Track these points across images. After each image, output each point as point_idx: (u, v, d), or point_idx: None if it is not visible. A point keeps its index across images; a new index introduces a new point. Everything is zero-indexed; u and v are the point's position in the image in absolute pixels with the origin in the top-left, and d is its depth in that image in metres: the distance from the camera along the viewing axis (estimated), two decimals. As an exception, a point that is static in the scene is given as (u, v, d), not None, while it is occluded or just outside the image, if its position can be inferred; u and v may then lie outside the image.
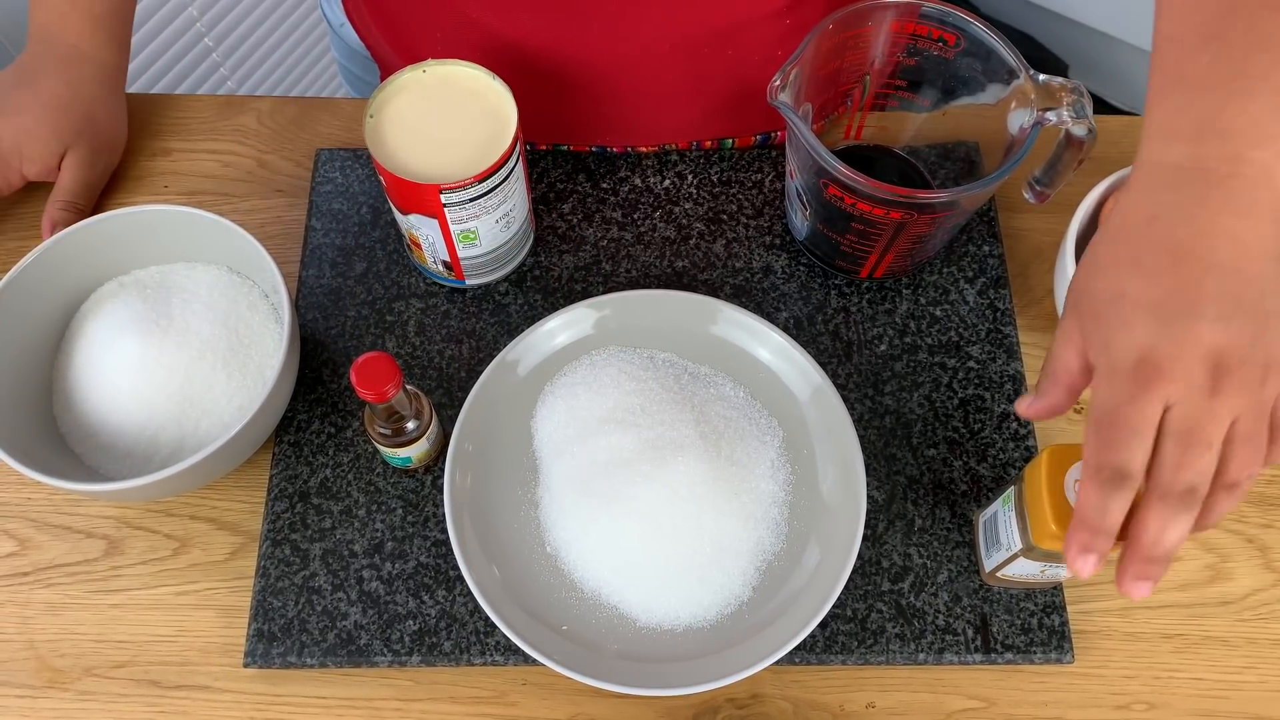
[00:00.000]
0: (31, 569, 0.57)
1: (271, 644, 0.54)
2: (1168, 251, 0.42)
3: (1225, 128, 0.42)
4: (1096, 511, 0.40)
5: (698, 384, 0.59)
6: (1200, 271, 0.41)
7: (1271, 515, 0.59)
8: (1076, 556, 0.40)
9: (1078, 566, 0.40)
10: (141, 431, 0.55)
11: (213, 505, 0.59)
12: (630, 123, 0.68)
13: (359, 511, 0.58)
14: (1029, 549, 0.49)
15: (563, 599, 0.54)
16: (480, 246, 0.60)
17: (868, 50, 0.60)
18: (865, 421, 0.60)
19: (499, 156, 0.54)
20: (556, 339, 0.60)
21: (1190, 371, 0.40)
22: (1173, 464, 0.39)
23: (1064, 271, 0.58)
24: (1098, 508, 0.40)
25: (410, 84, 0.57)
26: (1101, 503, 0.40)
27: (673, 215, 0.67)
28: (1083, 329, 0.43)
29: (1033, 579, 0.53)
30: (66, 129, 0.64)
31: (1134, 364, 0.40)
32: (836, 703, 0.54)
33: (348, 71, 0.90)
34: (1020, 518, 0.50)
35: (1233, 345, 0.40)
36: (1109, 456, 0.40)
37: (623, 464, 0.54)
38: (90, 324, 0.58)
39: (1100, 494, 0.40)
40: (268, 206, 0.68)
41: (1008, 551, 0.51)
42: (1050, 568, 0.50)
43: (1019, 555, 0.50)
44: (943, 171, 0.66)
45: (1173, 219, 0.42)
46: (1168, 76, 0.45)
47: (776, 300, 0.64)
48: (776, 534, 0.56)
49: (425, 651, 0.54)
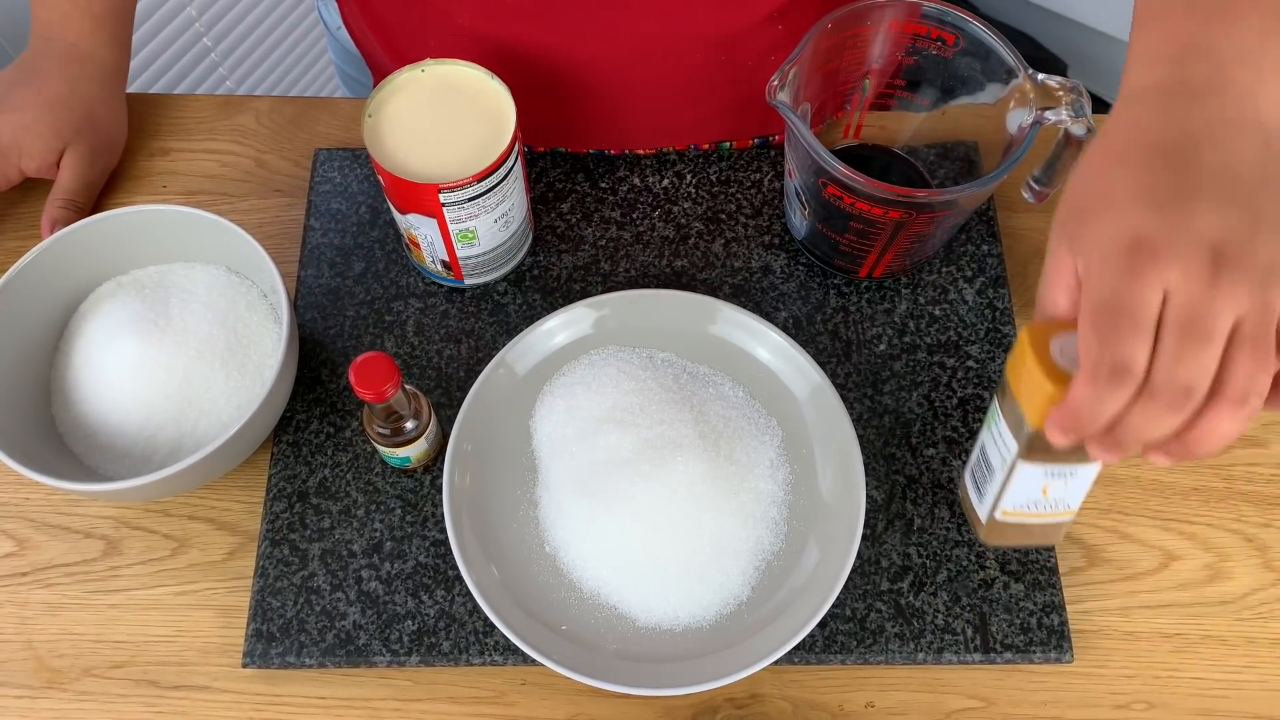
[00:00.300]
0: (30, 569, 0.57)
1: (270, 644, 0.54)
2: (1154, 149, 0.39)
3: (1208, 48, 0.40)
4: (1090, 407, 0.36)
5: (697, 383, 0.59)
6: (1189, 165, 0.38)
7: (1271, 515, 0.59)
8: (1056, 430, 0.37)
9: (1052, 432, 0.37)
10: (140, 431, 0.55)
11: (211, 505, 0.59)
12: (626, 128, 0.68)
13: (358, 511, 0.58)
14: (1029, 444, 0.43)
15: (562, 599, 0.54)
16: (479, 246, 0.59)
17: (866, 50, 0.60)
18: (864, 421, 0.60)
19: (498, 156, 0.54)
20: (555, 338, 0.60)
21: (1188, 254, 0.36)
22: (1171, 359, 0.35)
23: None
24: (1093, 404, 0.36)
25: (409, 84, 0.57)
26: (1097, 400, 0.36)
27: (671, 215, 0.67)
28: (1071, 240, 0.40)
29: (1036, 514, 0.46)
30: (66, 127, 0.64)
31: (1127, 247, 0.37)
32: (835, 702, 0.54)
33: (344, 74, 0.90)
34: (1012, 418, 0.44)
35: (1231, 235, 0.36)
36: (1110, 350, 0.36)
37: (622, 463, 0.54)
38: (89, 324, 0.58)
39: (1097, 391, 0.36)
40: (266, 206, 0.68)
41: (1004, 469, 0.45)
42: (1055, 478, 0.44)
43: (1017, 464, 0.44)
44: (942, 171, 0.66)
45: (1158, 125, 0.40)
46: (1150, 8, 0.43)
47: (775, 300, 0.64)
48: (775, 533, 0.56)
49: (424, 651, 0.54)
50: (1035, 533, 0.48)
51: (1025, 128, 0.55)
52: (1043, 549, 0.56)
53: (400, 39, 0.69)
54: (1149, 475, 0.60)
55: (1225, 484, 0.59)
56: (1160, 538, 0.58)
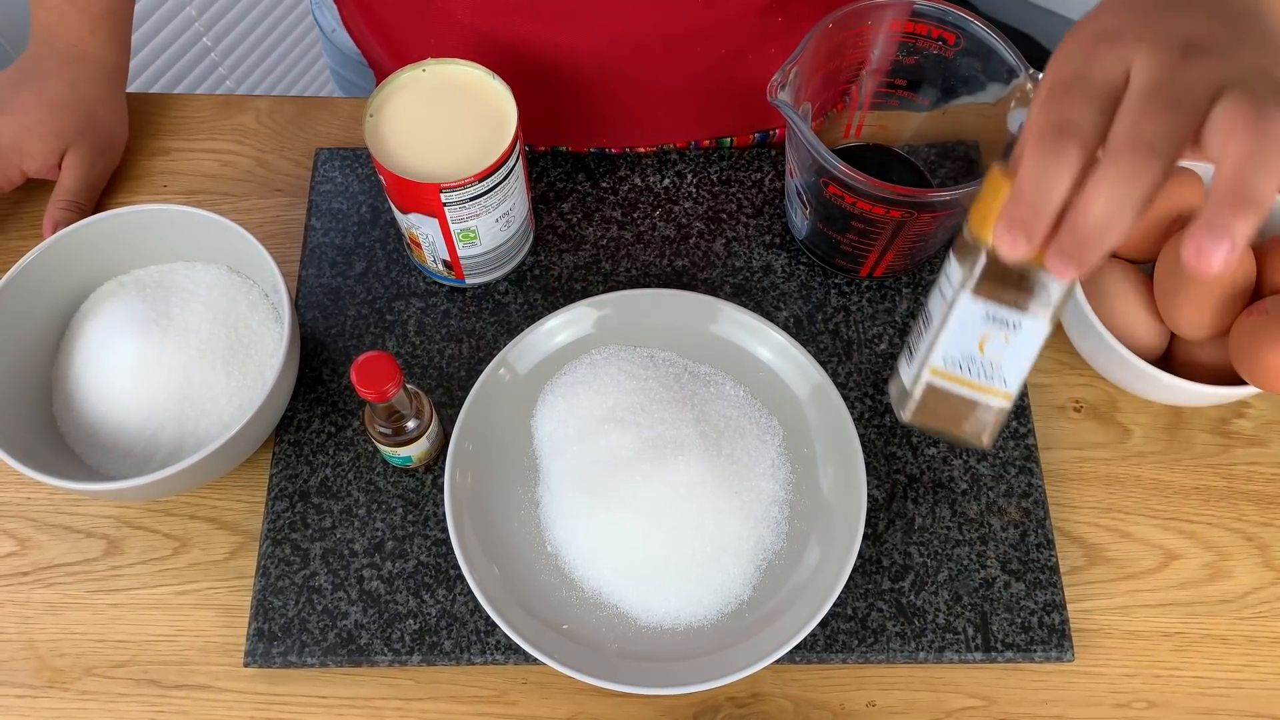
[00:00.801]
0: (31, 568, 0.57)
1: (272, 643, 0.54)
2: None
3: None
4: (1035, 180, 0.33)
5: (698, 383, 0.59)
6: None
7: (1271, 514, 0.59)
8: (1003, 231, 0.33)
9: (1004, 241, 0.33)
10: (141, 431, 0.55)
11: (213, 504, 0.59)
12: (627, 123, 0.68)
13: (359, 511, 0.58)
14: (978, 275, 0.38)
15: (563, 598, 0.54)
16: (480, 245, 0.59)
17: (867, 49, 0.60)
18: (865, 420, 0.60)
19: (499, 155, 0.54)
20: (557, 338, 0.60)
21: (1158, 38, 0.33)
22: (1133, 117, 0.32)
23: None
24: (1036, 175, 0.33)
25: (410, 83, 0.57)
26: (1041, 169, 0.33)
27: (672, 214, 0.67)
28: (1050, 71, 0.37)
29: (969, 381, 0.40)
30: (68, 127, 0.64)
31: (1096, 34, 0.35)
32: (837, 701, 0.54)
33: (340, 76, 0.90)
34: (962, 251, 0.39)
35: (1210, 36, 0.33)
36: (1053, 112, 0.33)
37: (623, 463, 0.54)
38: (90, 323, 0.58)
39: (1040, 158, 0.33)
40: (267, 206, 0.68)
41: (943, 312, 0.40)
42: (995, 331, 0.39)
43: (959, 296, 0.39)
44: (942, 170, 0.66)
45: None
46: None
47: (776, 299, 0.64)
48: (777, 533, 0.56)
49: (426, 651, 0.54)
50: (965, 415, 0.41)
51: (1026, 127, 0.55)
52: (1042, 549, 0.56)
53: (400, 38, 0.69)
54: (1149, 475, 0.60)
55: (1225, 483, 0.59)
56: (1161, 537, 0.58)
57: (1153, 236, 0.58)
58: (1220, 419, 0.61)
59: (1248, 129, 0.31)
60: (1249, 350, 0.52)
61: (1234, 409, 0.62)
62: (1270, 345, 0.51)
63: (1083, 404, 0.62)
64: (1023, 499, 0.58)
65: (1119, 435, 0.61)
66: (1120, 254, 0.60)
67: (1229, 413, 0.62)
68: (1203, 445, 0.61)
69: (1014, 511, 0.58)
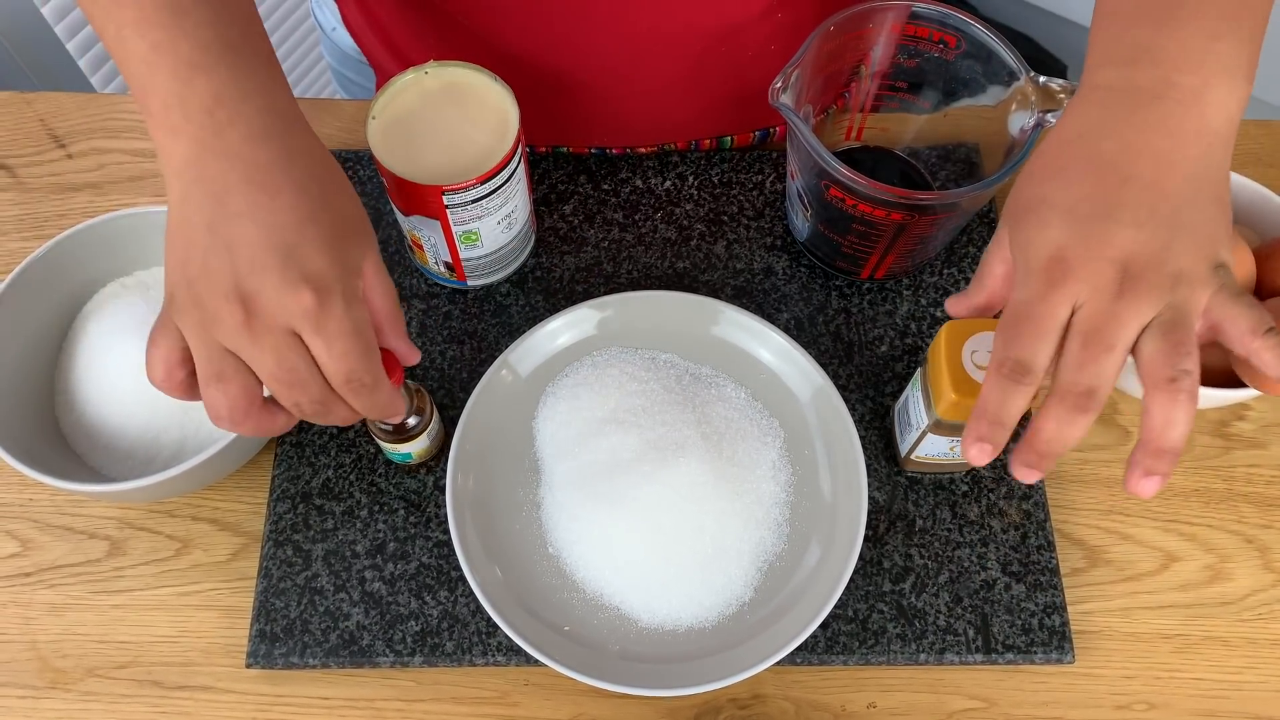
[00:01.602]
0: (34, 569, 0.57)
1: (274, 644, 0.54)
2: (1090, 162, 0.42)
3: (1157, 53, 0.43)
4: (996, 404, 0.40)
5: (699, 385, 0.59)
6: (1119, 181, 0.41)
7: (1271, 515, 0.59)
8: (972, 444, 0.41)
9: (972, 454, 0.41)
10: (144, 432, 0.56)
11: (215, 506, 0.59)
12: (627, 123, 0.68)
13: (361, 512, 0.58)
14: (935, 424, 0.51)
15: (565, 600, 0.54)
16: (482, 248, 0.60)
17: (868, 52, 0.60)
18: (866, 422, 0.60)
19: (501, 158, 0.54)
20: (558, 340, 0.60)
21: (1098, 272, 0.40)
22: (1074, 363, 0.40)
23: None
24: (997, 400, 0.40)
25: (412, 86, 0.57)
26: (1001, 396, 0.40)
27: (674, 216, 0.67)
28: (1011, 232, 0.44)
29: (944, 459, 0.55)
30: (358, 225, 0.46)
31: (1045, 263, 0.41)
32: (838, 703, 0.54)
33: (340, 75, 0.90)
34: (925, 395, 0.52)
35: (1143, 251, 0.40)
36: (1012, 350, 0.40)
37: (625, 465, 0.54)
38: (93, 325, 0.58)
39: (1001, 387, 0.40)
40: (269, 207, 0.68)
41: (917, 431, 0.54)
42: (958, 443, 0.53)
43: (927, 432, 0.52)
44: (943, 173, 0.66)
45: (1099, 134, 0.43)
46: (1107, 10, 0.46)
47: (777, 301, 0.64)
48: (778, 534, 0.56)
49: (428, 652, 0.54)
50: (947, 468, 0.58)
51: (1027, 130, 0.55)
52: (1043, 551, 0.57)
53: (400, 39, 0.69)
54: (1150, 476, 0.60)
55: (1226, 485, 0.60)
56: (1161, 539, 0.58)
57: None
58: (1220, 421, 0.62)
59: (1164, 389, 0.39)
60: (1249, 353, 0.52)
61: (1234, 411, 0.62)
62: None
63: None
64: (1023, 501, 0.58)
65: (1120, 437, 0.61)
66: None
67: (1229, 415, 0.62)
68: (1203, 448, 0.61)
69: (1014, 513, 0.58)
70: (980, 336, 0.49)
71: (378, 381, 0.43)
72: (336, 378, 0.42)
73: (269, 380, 0.42)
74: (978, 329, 0.49)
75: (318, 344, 0.41)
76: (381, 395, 0.44)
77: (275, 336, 0.41)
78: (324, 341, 0.41)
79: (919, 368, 0.53)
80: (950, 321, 0.49)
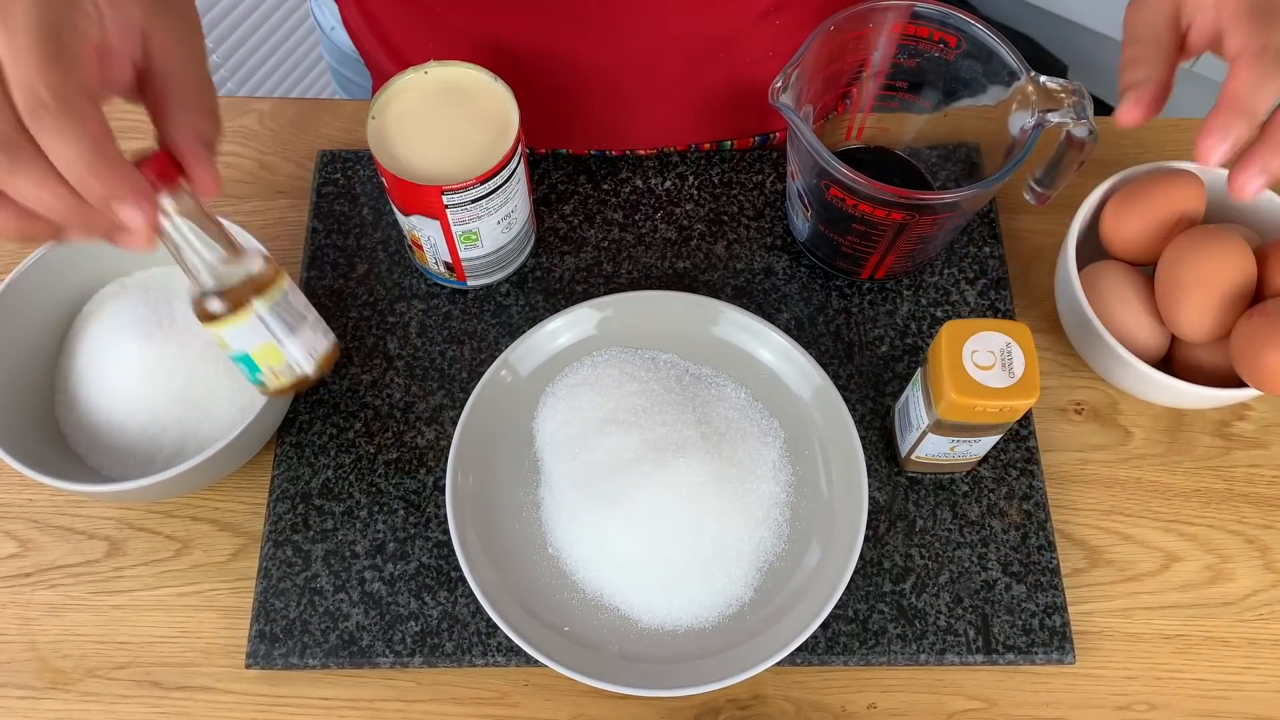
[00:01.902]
0: (33, 570, 0.57)
1: (273, 645, 0.54)
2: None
3: None
4: (1249, 90, 0.36)
5: (699, 385, 0.59)
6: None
7: (1272, 515, 0.59)
8: (1207, 138, 0.37)
9: (1204, 148, 0.37)
10: (143, 432, 0.55)
11: (214, 506, 0.59)
12: (626, 127, 0.68)
13: (361, 512, 0.58)
14: (936, 424, 0.51)
15: (564, 600, 0.54)
16: (482, 248, 0.60)
17: (868, 51, 0.60)
18: (867, 422, 0.60)
19: (501, 158, 0.54)
20: (558, 340, 0.60)
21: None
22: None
23: (1065, 272, 0.58)
24: (1251, 86, 0.36)
25: (412, 85, 0.57)
26: (1257, 81, 0.36)
27: (674, 216, 0.67)
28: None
29: (945, 459, 0.55)
30: None
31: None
32: (838, 703, 0.54)
33: (339, 75, 0.90)
34: (925, 395, 0.52)
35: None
36: (1274, 35, 0.36)
37: (625, 465, 0.54)
38: (92, 325, 0.58)
39: (1257, 72, 0.36)
40: (269, 208, 0.68)
41: (918, 431, 0.53)
42: (960, 443, 0.53)
43: (927, 432, 0.52)
44: (944, 173, 0.66)
45: None
46: None
47: (778, 301, 0.64)
48: (778, 535, 0.56)
49: (427, 652, 0.54)
50: (947, 468, 0.58)
51: (1027, 130, 0.55)
52: (1043, 551, 0.57)
53: (398, 40, 0.69)
54: (1150, 477, 0.60)
55: (1226, 486, 0.60)
56: (1162, 539, 0.58)
57: (1153, 239, 0.58)
58: (1221, 421, 0.61)
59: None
60: (1250, 352, 0.52)
61: (1235, 411, 0.62)
62: (1271, 347, 0.51)
63: (1084, 406, 0.62)
64: (1024, 501, 0.58)
65: (1120, 438, 0.61)
66: (1121, 256, 0.60)
67: (1230, 415, 0.62)
68: (1204, 448, 0.61)
69: (1015, 514, 0.58)
70: (980, 336, 0.49)
71: (70, 105, 0.31)
72: (19, 90, 0.31)
73: None
74: (978, 329, 0.49)
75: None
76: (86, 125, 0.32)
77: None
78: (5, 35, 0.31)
79: (919, 368, 0.53)
80: (950, 321, 0.49)
